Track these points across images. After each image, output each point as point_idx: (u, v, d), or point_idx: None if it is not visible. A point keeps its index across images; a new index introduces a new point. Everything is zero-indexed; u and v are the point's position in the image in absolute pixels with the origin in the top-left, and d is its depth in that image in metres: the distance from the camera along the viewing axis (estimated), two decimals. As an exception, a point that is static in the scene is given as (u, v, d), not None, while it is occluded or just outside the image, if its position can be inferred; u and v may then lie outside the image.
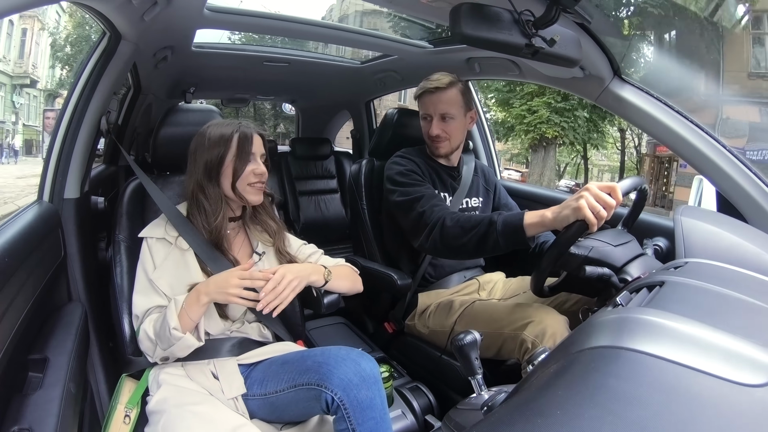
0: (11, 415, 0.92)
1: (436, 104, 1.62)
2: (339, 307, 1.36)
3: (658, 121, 1.43)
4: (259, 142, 1.26)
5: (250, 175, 1.23)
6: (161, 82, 2.30)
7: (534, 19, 1.03)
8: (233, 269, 1.11)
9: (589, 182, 1.16)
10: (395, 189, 1.58)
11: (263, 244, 1.31)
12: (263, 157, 1.27)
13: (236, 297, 1.07)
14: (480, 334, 0.94)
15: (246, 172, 1.23)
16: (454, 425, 0.86)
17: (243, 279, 1.07)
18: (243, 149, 1.22)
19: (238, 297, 1.07)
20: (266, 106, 16.94)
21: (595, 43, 1.39)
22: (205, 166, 1.22)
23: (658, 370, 0.47)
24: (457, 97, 1.62)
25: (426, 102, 1.63)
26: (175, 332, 1.06)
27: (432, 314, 1.61)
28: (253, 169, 1.23)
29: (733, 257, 0.92)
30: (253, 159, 1.24)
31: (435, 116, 1.62)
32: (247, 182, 1.23)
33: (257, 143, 1.25)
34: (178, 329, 1.06)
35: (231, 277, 1.07)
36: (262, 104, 15.52)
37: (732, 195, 1.36)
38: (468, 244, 1.31)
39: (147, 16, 1.27)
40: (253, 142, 1.24)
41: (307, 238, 1.44)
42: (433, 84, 1.60)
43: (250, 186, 1.24)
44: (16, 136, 5.91)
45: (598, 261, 1.11)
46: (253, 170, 1.23)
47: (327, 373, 1.02)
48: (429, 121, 1.64)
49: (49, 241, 1.19)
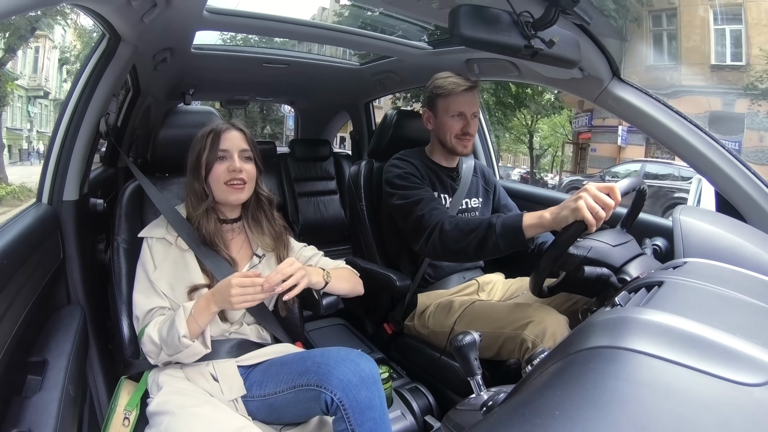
0: (10, 417, 0.92)
1: (471, 102, 1.61)
2: (338, 308, 1.36)
3: (656, 122, 1.43)
4: (234, 138, 1.23)
5: (223, 173, 1.21)
6: (160, 84, 2.30)
7: (533, 20, 1.03)
8: (230, 276, 1.09)
9: (588, 183, 1.16)
10: (394, 192, 1.58)
11: (263, 248, 1.31)
12: (245, 153, 1.24)
13: (240, 303, 1.06)
14: (479, 334, 0.94)
15: (218, 171, 1.21)
16: (453, 426, 0.86)
17: (242, 286, 1.05)
18: (213, 146, 1.21)
19: (242, 303, 1.06)
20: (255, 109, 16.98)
21: (594, 44, 1.39)
22: (190, 166, 1.24)
23: (656, 369, 0.47)
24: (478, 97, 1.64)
25: (461, 100, 1.60)
26: (184, 340, 1.05)
27: (432, 315, 1.61)
28: (226, 167, 1.21)
29: (732, 257, 0.92)
30: (228, 156, 1.22)
31: (469, 114, 1.62)
32: (222, 181, 1.21)
33: (231, 139, 1.22)
34: (187, 337, 1.06)
35: (229, 287, 1.06)
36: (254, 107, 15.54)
37: (731, 195, 1.36)
38: (468, 247, 1.31)
39: (146, 18, 1.27)
40: (225, 138, 1.22)
41: (307, 239, 1.44)
42: (467, 83, 1.60)
43: (227, 185, 1.21)
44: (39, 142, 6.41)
45: (597, 261, 1.11)
46: (227, 167, 1.21)
47: (326, 373, 1.01)
48: (462, 119, 1.62)
49: (48, 243, 1.19)
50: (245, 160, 1.24)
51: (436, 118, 1.65)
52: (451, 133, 1.63)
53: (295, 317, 1.39)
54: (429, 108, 1.66)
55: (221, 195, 1.23)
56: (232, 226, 1.30)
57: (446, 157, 1.72)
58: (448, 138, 1.64)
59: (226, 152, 1.22)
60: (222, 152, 1.22)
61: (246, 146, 1.25)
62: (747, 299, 0.68)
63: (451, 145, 1.65)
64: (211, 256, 1.20)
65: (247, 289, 1.05)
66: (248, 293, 1.06)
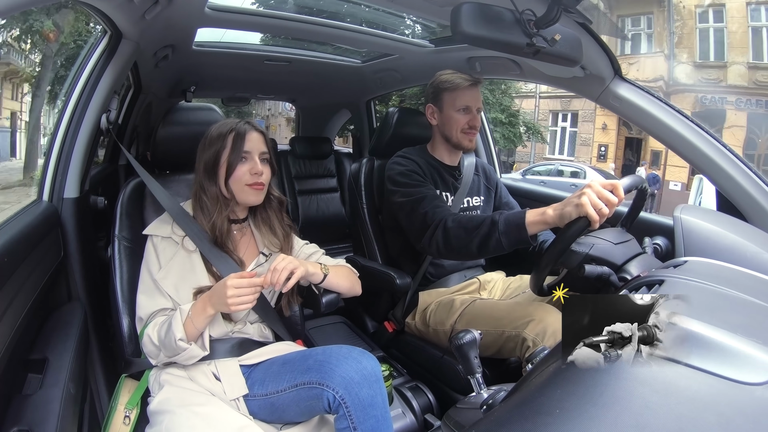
0: (11, 415, 0.92)
1: (476, 97, 1.63)
2: (338, 306, 1.36)
3: (658, 121, 1.43)
4: (256, 140, 1.23)
5: (245, 175, 1.20)
6: (162, 81, 2.30)
7: (535, 18, 1.03)
8: (226, 277, 1.07)
9: (592, 180, 1.16)
10: (397, 190, 1.58)
11: (270, 247, 1.30)
12: (264, 156, 1.24)
13: (237, 305, 1.05)
14: (480, 333, 0.94)
15: (240, 172, 1.20)
16: (453, 424, 0.86)
17: (237, 288, 1.04)
18: (236, 147, 1.19)
19: (239, 305, 1.05)
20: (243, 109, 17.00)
21: (596, 42, 1.39)
22: (204, 165, 1.22)
23: (657, 368, 0.47)
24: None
25: (467, 95, 1.62)
26: (181, 343, 1.05)
27: (433, 313, 1.61)
28: (249, 169, 1.20)
29: (733, 256, 0.92)
30: (249, 158, 1.21)
31: (474, 108, 1.63)
32: (244, 182, 1.20)
33: (253, 141, 1.22)
34: (184, 340, 1.05)
35: (224, 287, 1.04)
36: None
37: (732, 194, 1.36)
38: (471, 245, 1.31)
39: (148, 14, 1.26)
40: (248, 139, 1.21)
41: (307, 237, 1.44)
42: (472, 79, 1.62)
43: (249, 186, 1.21)
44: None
45: (598, 259, 1.11)
46: (249, 169, 1.20)
47: (328, 371, 1.01)
48: (468, 113, 1.63)
49: (48, 241, 1.19)
50: (264, 162, 1.24)
51: (441, 113, 1.66)
52: (458, 127, 1.64)
53: (296, 315, 1.39)
54: (434, 103, 1.67)
55: (242, 196, 1.22)
56: (240, 225, 1.29)
57: (449, 153, 1.72)
58: (454, 132, 1.65)
59: (248, 154, 1.21)
60: (245, 153, 1.21)
61: (265, 148, 1.24)
62: (747, 298, 0.68)
63: (456, 140, 1.65)
64: (220, 257, 1.19)
65: (243, 290, 1.04)
66: (244, 294, 1.04)
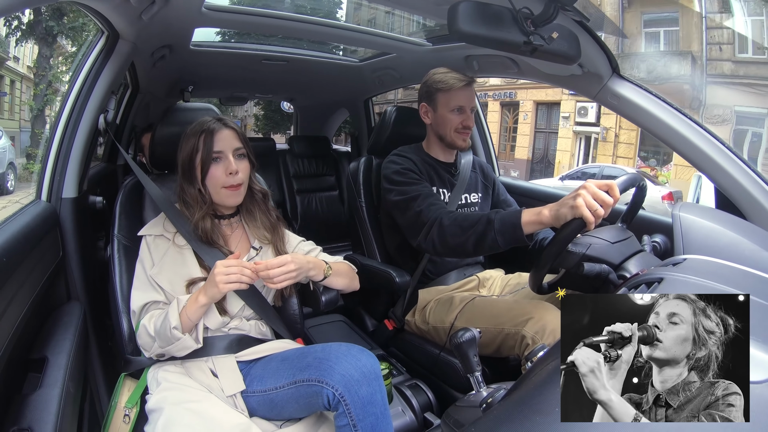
0: (11, 414, 0.92)
1: (470, 97, 1.63)
2: (338, 304, 1.36)
3: (656, 118, 1.43)
4: (227, 137, 1.21)
5: (221, 177, 1.19)
6: (159, 81, 2.29)
7: (532, 16, 1.03)
8: (217, 262, 1.09)
9: (587, 180, 1.16)
10: (392, 188, 1.58)
11: (261, 241, 1.31)
12: (239, 151, 1.23)
13: (225, 283, 1.05)
14: (479, 331, 0.94)
15: (215, 173, 1.19)
16: (453, 422, 0.87)
17: (226, 266, 1.06)
18: (207, 147, 1.19)
19: (227, 283, 1.06)
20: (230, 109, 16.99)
21: (594, 40, 1.39)
22: (181, 167, 1.23)
23: None
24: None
25: (461, 94, 1.61)
26: (175, 332, 1.06)
27: (432, 310, 1.61)
28: (224, 169, 1.19)
29: (732, 254, 0.92)
30: (222, 157, 1.20)
31: (468, 108, 1.63)
32: (220, 185, 1.20)
33: (225, 139, 1.20)
34: (178, 329, 1.06)
35: (214, 268, 1.07)
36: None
37: (730, 191, 1.36)
38: (466, 243, 1.31)
39: (145, 15, 1.26)
40: (218, 138, 1.20)
41: (306, 235, 1.44)
42: (466, 78, 1.61)
43: (225, 189, 1.20)
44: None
45: (597, 258, 1.11)
46: (224, 170, 1.19)
47: (328, 369, 1.01)
48: (462, 113, 1.63)
49: (47, 241, 1.19)
50: (239, 158, 1.23)
51: (435, 113, 1.66)
52: (451, 127, 1.64)
53: (295, 314, 1.39)
54: (427, 102, 1.66)
55: (219, 198, 1.23)
56: (229, 221, 1.30)
57: (444, 151, 1.73)
58: (447, 132, 1.65)
59: (220, 153, 1.20)
60: (216, 153, 1.20)
61: (239, 144, 1.23)
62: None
63: (450, 139, 1.66)
64: (210, 252, 1.20)
65: (232, 268, 1.06)
66: (233, 272, 1.06)
